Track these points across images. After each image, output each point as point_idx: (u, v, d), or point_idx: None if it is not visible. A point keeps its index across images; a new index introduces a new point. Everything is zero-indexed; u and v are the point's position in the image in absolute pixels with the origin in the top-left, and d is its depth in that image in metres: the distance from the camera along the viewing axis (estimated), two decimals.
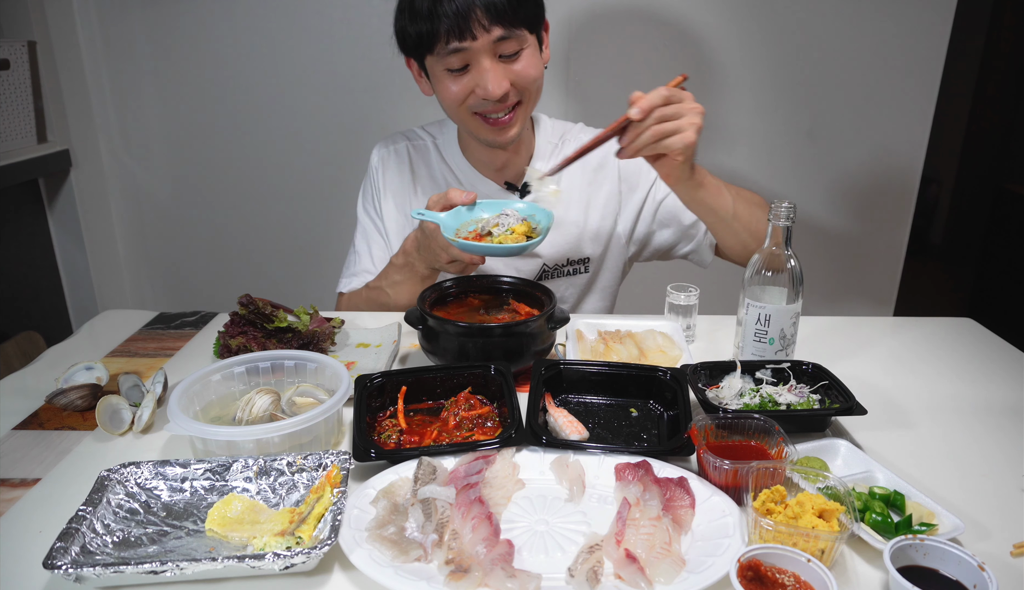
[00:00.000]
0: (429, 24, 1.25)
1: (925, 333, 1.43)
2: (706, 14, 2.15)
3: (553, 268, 1.54)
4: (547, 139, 1.54)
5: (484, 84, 1.28)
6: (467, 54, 1.27)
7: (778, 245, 1.13)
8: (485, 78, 1.28)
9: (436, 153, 1.55)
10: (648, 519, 0.81)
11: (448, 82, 1.31)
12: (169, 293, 2.59)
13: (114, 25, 2.23)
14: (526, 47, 1.31)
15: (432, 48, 1.28)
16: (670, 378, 1.09)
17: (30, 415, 1.13)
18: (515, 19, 1.26)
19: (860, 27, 2.16)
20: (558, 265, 1.54)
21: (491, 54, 1.27)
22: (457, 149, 1.52)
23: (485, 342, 1.16)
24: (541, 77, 1.37)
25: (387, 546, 0.79)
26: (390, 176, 1.55)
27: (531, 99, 1.37)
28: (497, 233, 1.24)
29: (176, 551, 0.81)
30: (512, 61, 1.30)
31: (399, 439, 1.02)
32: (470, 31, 1.24)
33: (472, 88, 1.30)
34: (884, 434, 1.06)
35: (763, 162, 2.32)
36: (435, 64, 1.32)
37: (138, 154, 2.39)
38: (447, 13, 1.23)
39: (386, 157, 1.56)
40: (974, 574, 0.72)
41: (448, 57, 1.28)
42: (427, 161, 1.55)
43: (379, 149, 1.57)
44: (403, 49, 1.37)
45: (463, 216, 1.27)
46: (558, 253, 1.53)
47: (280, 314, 1.28)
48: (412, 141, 1.56)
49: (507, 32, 1.26)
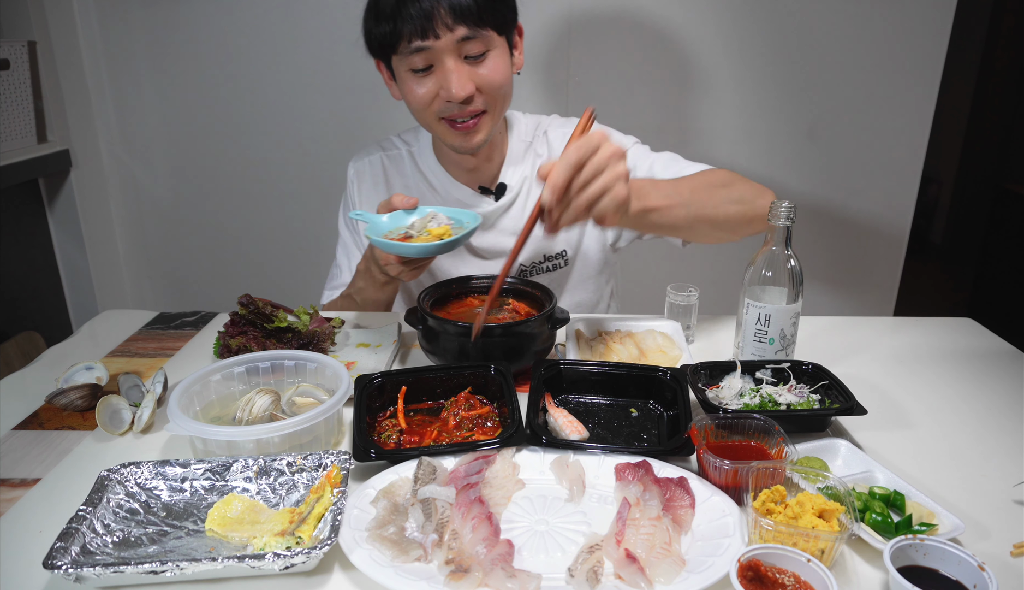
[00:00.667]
0: (392, 24, 1.24)
1: (925, 333, 1.43)
2: (706, 14, 2.15)
3: (531, 266, 1.53)
4: (521, 139, 1.52)
5: (447, 85, 1.26)
6: (430, 54, 1.25)
7: (778, 245, 1.13)
8: (449, 79, 1.26)
9: (411, 161, 1.54)
10: (648, 519, 0.81)
11: (412, 83, 1.30)
12: (169, 293, 2.59)
13: (114, 25, 2.23)
14: (492, 49, 1.28)
15: (396, 48, 1.27)
16: (670, 378, 1.09)
17: (30, 415, 1.13)
18: (480, 19, 1.24)
19: (860, 27, 2.16)
20: (535, 262, 1.53)
21: (455, 54, 1.25)
22: (432, 155, 1.51)
23: (485, 342, 1.16)
24: (509, 83, 1.34)
25: (387, 546, 0.79)
26: (366, 189, 1.55)
27: (497, 107, 1.35)
28: (416, 234, 1.24)
29: (176, 551, 0.81)
30: (477, 63, 1.28)
31: (399, 439, 1.02)
32: (433, 30, 1.22)
33: (437, 90, 1.28)
34: (884, 434, 1.06)
35: (763, 162, 2.32)
36: (400, 65, 1.30)
37: (138, 154, 2.39)
38: (411, 13, 1.21)
39: (361, 170, 1.56)
40: (974, 574, 0.72)
41: (411, 57, 1.26)
42: (401, 171, 1.54)
43: (354, 162, 1.57)
44: (370, 50, 1.35)
45: (400, 220, 1.27)
46: (532, 251, 1.52)
47: (280, 314, 1.28)
48: (387, 151, 1.56)
49: (472, 32, 1.24)
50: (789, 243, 1.14)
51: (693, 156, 2.35)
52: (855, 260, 2.44)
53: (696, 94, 2.25)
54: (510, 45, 1.35)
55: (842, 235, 2.41)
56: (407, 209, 1.27)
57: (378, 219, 1.26)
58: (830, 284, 2.46)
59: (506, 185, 1.50)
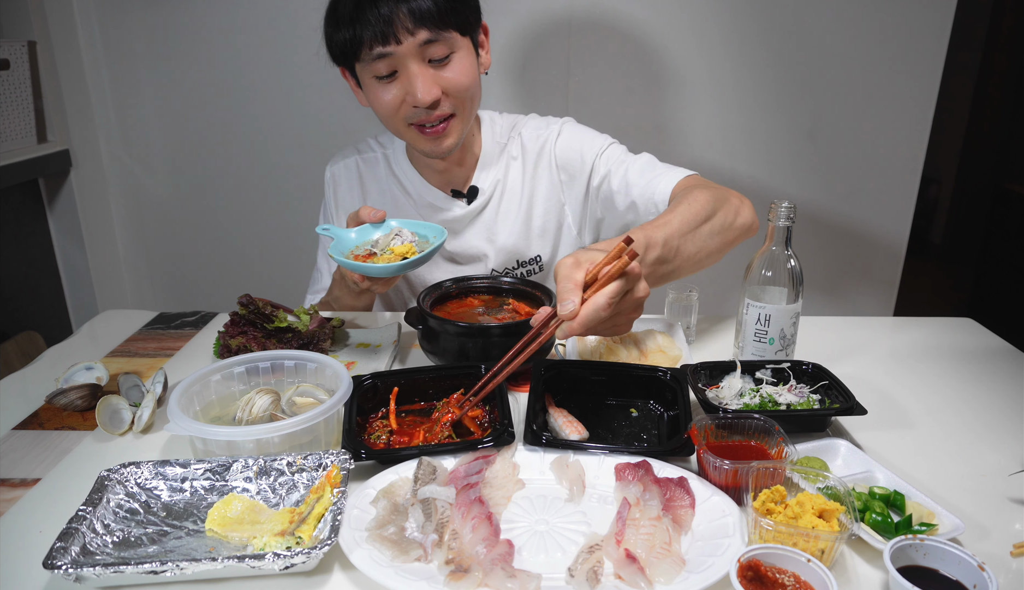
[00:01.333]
0: (352, 30, 1.22)
1: (925, 333, 1.44)
2: (706, 14, 2.15)
3: (504, 271, 1.51)
4: (494, 141, 1.50)
5: (413, 90, 1.25)
6: (393, 60, 1.24)
7: (778, 245, 1.13)
8: (414, 84, 1.24)
9: (385, 165, 1.53)
10: (648, 519, 0.81)
11: (378, 90, 1.28)
12: (169, 293, 2.59)
13: (114, 25, 2.23)
14: (457, 51, 1.27)
15: (358, 55, 1.25)
16: (670, 378, 1.09)
17: (30, 415, 1.13)
18: (442, 22, 1.22)
19: (860, 27, 2.16)
20: (508, 268, 1.51)
21: (418, 58, 1.24)
22: (405, 159, 1.50)
23: (485, 342, 1.16)
24: (476, 84, 1.33)
25: (387, 546, 0.79)
26: (342, 193, 1.55)
27: (466, 110, 1.33)
28: (379, 252, 1.23)
29: (176, 551, 0.81)
30: (442, 66, 1.26)
31: (389, 440, 1.02)
32: (394, 35, 1.20)
33: (403, 96, 1.27)
34: (884, 434, 1.06)
35: (763, 162, 2.32)
36: (363, 72, 1.28)
37: (138, 154, 2.39)
38: (370, 18, 1.20)
39: (337, 174, 1.56)
40: (974, 574, 0.72)
41: (374, 64, 1.24)
42: (376, 175, 1.53)
43: (331, 166, 1.57)
44: (332, 58, 1.33)
45: (367, 233, 1.26)
46: (505, 256, 1.50)
47: (280, 314, 1.28)
48: (362, 154, 1.55)
49: (434, 35, 1.22)
50: (789, 243, 1.14)
51: (693, 156, 2.35)
52: (855, 260, 2.44)
53: (696, 95, 2.25)
54: (475, 45, 1.33)
55: (842, 235, 2.41)
56: (374, 223, 1.25)
57: (345, 234, 1.25)
58: (830, 284, 2.46)
59: (478, 188, 1.48)
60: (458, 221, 1.49)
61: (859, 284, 2.48)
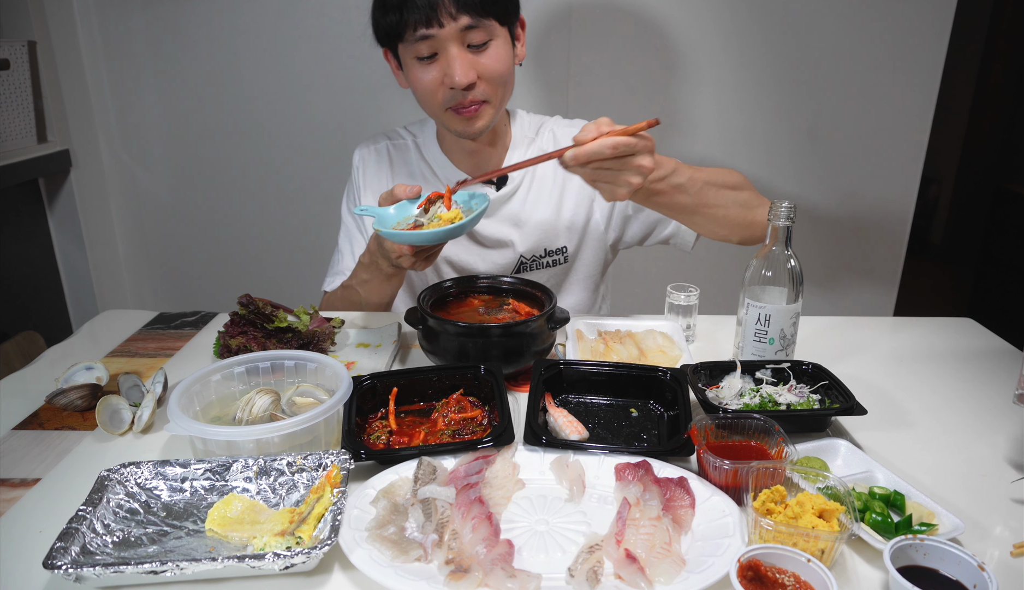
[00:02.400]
0: (399, 13, 1.28)
1: (925, 333, 1.43)
2: (706, 13, 2.15)
3: (531, 259, 1.55)
4: (523, 133, 1.55)
5: (451, 72, 1.29)
6: (435, 42, 1.28)
7: (778, 245, 1.13)
8: (452, 66, 1.29)
9: (416, 151, 1.57)
10: (648, 519, 0.81)
11: (418, 71, 1.33)
12: (169, 293, 2.59)
13: (114, 25, 2.23)
14: (495, 39, 1.32)
15: (402, 36, 1.30)
16: (670, 378, 1.10)
17: (30, 415, 1.13)
18: (483, 9, 1.27)
19: (860, 27, 2.16)
20: (536, 256, 1.55)
21: (458, 42, 1.29)
22: (435, 145, 1.54)
23: (485, 342, 1.16)
24: (510, 73, 1.38)
25: (387, 546, 0.79)
26: (370, 175, 1.57)
27: (498, 96, 1.38)
28: (426, 221, 1.23)
29: (176, 551, 0.81)
30: (479, 52, 1.31)
31: (388, 440, 1.02)
32: (437, 18, 1.26)
33: (441, 78, 1.32)
34: (884, 434, 1.06)
35: (763, 162, 2.32)
36: (405, 53, 1.34)
37: (138, 154, 2.39)
38: (416, 3, 1.25)
39: (366, 157, 1.58)
40: (974, 574, 0.72)
41: (416, 45, 1.29)
42: (406, 159, 1.57)
43: (360, 149, 1.60)
44: (377, 39, 1.39)
45: (407, 209, 1.26)
46: (534, 244, 1.54)
47: (280, 314, 1.28)
48: (392, 140, 1.59)
49: (474, 21, 1.27)
50: (789, 243, 1.14)
51: (693, 155, 2.35)
52: (855, 260, 2.44)
53: (696, 94, 2.25)
54: (512, 36, 1.38)
55: (842, 235, 2.41)
56: (411, 198, 1.26)
57: (384, 212, 1.25)
58: (830, 284, 2.46)
59: (507, 176, 1.52)
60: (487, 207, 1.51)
61: (859, 284, 2.48)
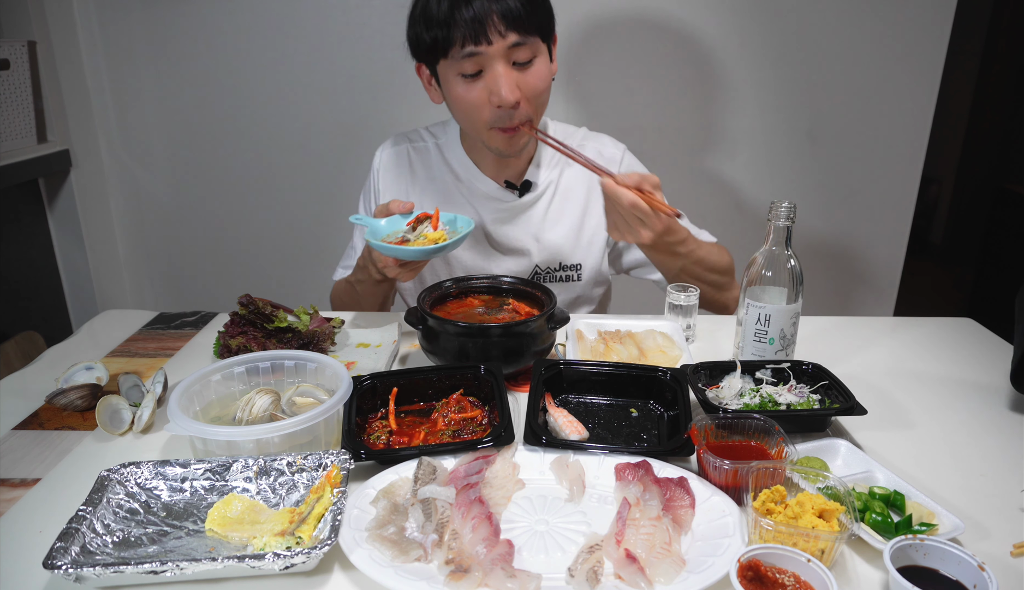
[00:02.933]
0: (445, 30, 1.26)
1: (925, 333, 1.43)
2: (706, 15, 2.15)
3: (545, 271, 1.54)
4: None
5: (498, 90, 1.28)
6: (481, 59, 1.27)
7: (778, 245, 1.13)
8: (499, 83, 1.28)
9: (438, 154, 1.55)
10: (648, 519, 0.81)
11: (461, 89, 1.31)
12: (169, 293, 2.59)
13: (114, 25, 2.23)
14: (539, 55, 1.32)
15: (447, 53, 1.28)
16: (670, 378, 1.09)
17: (30, 415, 1.13)
18: (530, 26, 1.27)
19: (860, 27, 2.16)
20: (550, 269, 1.54)
21: (505, 60, 1.28)
22: (460, 148, 1.53)
23: (485, 342, 1.16)
24: (549, 89, 1.38)
25: (387, 546, 0.79)
26: (389, 178, 1.57)
27: (539, 114, 1.39)
28: (413, 238, 1.29)
29: (176, 551, 0.81)
30: (524, 69, 1.31)
31: (388, 440, 1.02)
32: (486, 36, 1.24)
33: (486, 96, 1.30)
34: (884, 434, 1.06)
35: (763, 162, 2.32)
36: (448, 69, 1.32)
37: (138, 154, 2.39)
38: (464, 18, 1.24)
39: (387, 159, 1.58)
40: (974, 574, 0.72)
41: (462, 62, 1.28)
42: (427, 162, 1.56)
43: (380, 151, 1.59)
44: (416, 55, 1.37)
45: (398, 224, 1.32)
46: (551, 256, 1.53)
47: (280, 314, 1.28)
48: (413, 143, 1.58)
49: (522, 39, 1.27)
50: (789, 243, 1.14)
51: (693, 156, 2.35)
52: (855, 260, 2.44)
53: (695, 94, 2.25)
54: (550, 52, 1.38)
55: (842, 234, 2.41)
56: (404, 213, 1.31)
57: (376, 223, 1.31)
58: (830, 284, 2.46)
59: (531, 183, 1.52)
60: (508, 212, 1.52)
61: (859, 284, 2.48)
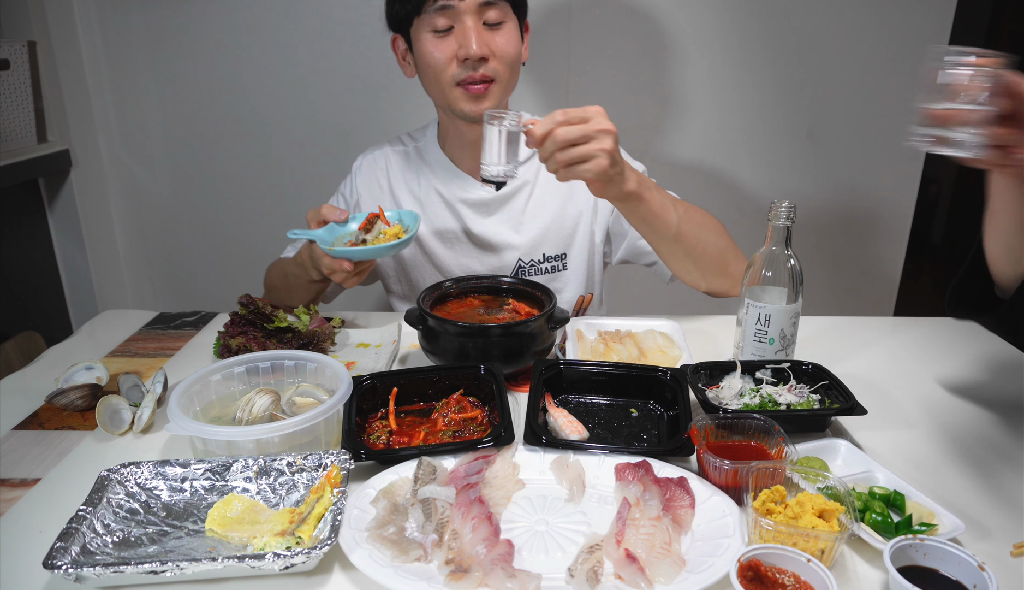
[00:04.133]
0: None
1: (925, 333, 1.43)
2: (706, 14, 2.15)
3: (528, 264, 1.54)
4: None
5: (467, 43, 1.33)
6: (452, 13, 1.33)
7: (778, 245, 1.13)
8: (468, 37, 1.32)
9: (416, 155, 1.59)
10: (648, 519, 0.81)
11: (431, 45, 1.36)
12: (169, 293, 2.59)
13: (114, 25, 2.23)
14: (508, 21, 1.37)
15: (420, 9, 1.34)
16: (670, 378, 1.09)
17: (30, 415, 1.13)
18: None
19: (860, 27, 2.16)
20: (534, 261, 1.55)
21: (475, 16, 1.33)
22: (437, 148, 1.55)
23: (485, 342, 1.16)
24: (519, 58, 1.42)
25: (387, 546, 0.79)
26: (361, 180, 1.60)
27: (504, 78, 1.40)
28: (370, 238, 1.31)
29: (176, 551, 0.81)
30: (494, 31, 1.36)
31: (388, 440, 1.02)
32: None
33: (454, 52, 1.35)
34: (884, 434, 1.06)
35: (763, 162, 2.32)
36: (420, 26, 1.36)
37: (138, 154, 2.39)
38: None
39: (366, 164, 1.61)
40: (974, 574, 0.72)
41: (434, 16, 1.33)
42: (405, 164, 1.59)
43: (361, 156, 1.63)
44: (392, 19, 1.43)
45: (337, 231, 1.33)
46: (531, 244, 1.53)
47: (280, 314, 1.28)
48: (393, 147, 1.61)
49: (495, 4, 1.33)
50: (789, 243, 1.14)
51: (693, 155, 2.35)
52: (855, 260, 2.44)
53: (696, 93, 2.25)
54: (520, 29, 1.43)
55: (842, 235, 2.41)
56: (339, 221, 1.33)
57: (315, 233, 1.31)
58: (830, 284, 2.46)
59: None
60: (486, 206, 1.53)
61: (859, 284, 2.48)
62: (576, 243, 1.55)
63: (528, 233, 1.53)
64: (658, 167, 2.31)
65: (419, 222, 1.33)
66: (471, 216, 1.53)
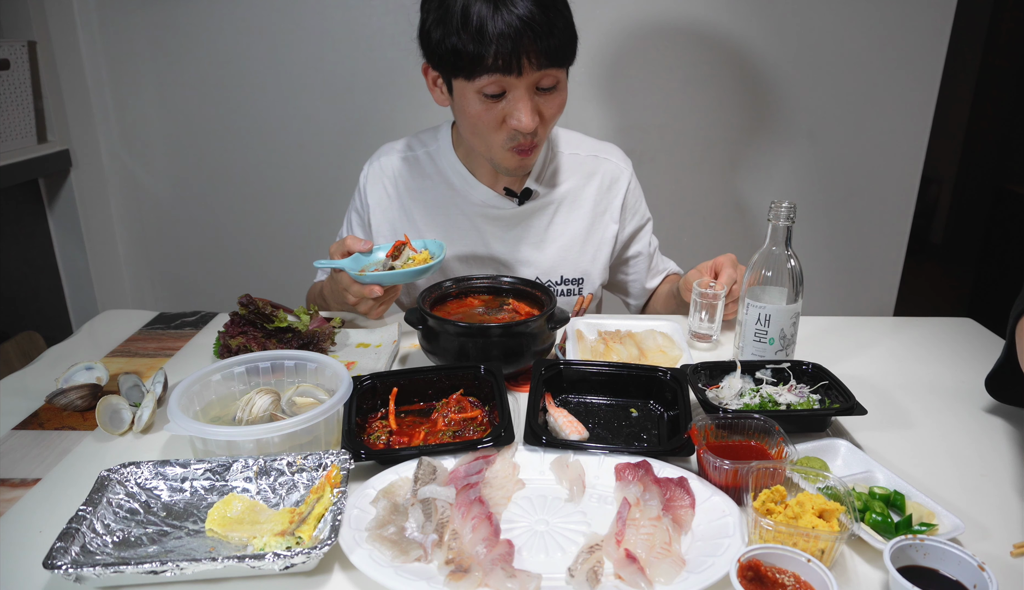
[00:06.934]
0: (476, 46, 1.18)
1: (925, 333, 1.43)
2: (707, 15, 2.15)
3: (546, 283, 1.52)
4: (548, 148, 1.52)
5: (519, 116, 1.25)
6: (507, 83, 1.23)
7: (778, 245, 1.13)
8: (520, 110, 1.25)
9: (429, 163, 1.51)
10: (648, 519, 0.81)
11: (479, 108, 1.27)
12: (169, 293, 2.59)
13: (114, 25, 2.23)
14: (560, 81, 1.29)
15: (471, 74, 1.22)
16: (670, 378, 1.09)
17: (30, 415, 1.13)
18: (564, 61, 1.25)
19: (860, 27, 2.16)
20: (550, 282, 1.52)
21: (530, 87, 1.25)
22: (453, 155, 1.48)
23: (485, 342, 1.16)
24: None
25: (387, 546, 0.79)
26: (377, 194, 1.52)
27: (549, 134, 1.40)
28: (399, 264, 1.30)
29: (176, 551, 0.81)
30: (545, 95, 1.28)
31: (388, 440, 1.02)
32: (518, 67, 1.20)
33: (503, 117, 1.27)
34: (884, 434, 1.06)
35: (763, 162, 2.32)
36: (468, 85, 1.25)
37: (138, 154, 2.39)
38: (503, 48, 1.17)
39: (373, 175, 1.53)
40: (974, 574, 0.72)
41: (487, 84, 1.23)
42: (418, 173, 1.51)
43: (367, 167, 1.55)
44: (432, 61, 1.28)
45: (362, 261, 1.31)
46: (551, 267, 1.51)
47: (280, 314, 1.28)
48: (402, 154, 1.53)
49: (553, 71, 1.24)
50: (789, 243, 1.14)
51: (693, 156, 2.35)
52: (855, 260, 2.44)
53: (696, 93, 2.25)
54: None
55: (842, 235, 2.41)
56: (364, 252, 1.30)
57: (346, 263, 1.29)
58: (830, 284, 2.46)
59: (532, 190, 1.49)
60: (507, 221, 1.49)
61: (859, 284, 2.48)
62: (596, 268, 1.55)
63: (549, 252, 1.51)
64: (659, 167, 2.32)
65: (444, 251, 1.30)
66: (490, 229, 1.49)
